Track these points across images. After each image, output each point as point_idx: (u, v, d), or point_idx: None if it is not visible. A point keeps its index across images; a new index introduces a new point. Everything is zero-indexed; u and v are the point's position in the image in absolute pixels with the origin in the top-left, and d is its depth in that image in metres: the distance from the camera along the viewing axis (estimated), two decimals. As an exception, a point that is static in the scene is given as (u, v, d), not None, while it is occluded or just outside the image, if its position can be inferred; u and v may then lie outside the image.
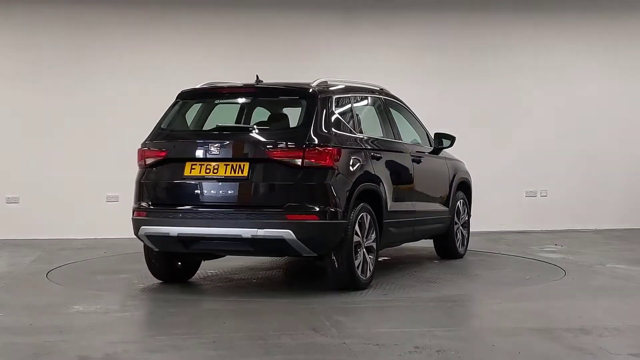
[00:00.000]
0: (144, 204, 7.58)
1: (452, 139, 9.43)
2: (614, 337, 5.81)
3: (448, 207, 9.47)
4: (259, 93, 8.13)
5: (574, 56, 13.17)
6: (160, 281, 8.01)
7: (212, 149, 7.35)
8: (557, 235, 12.05)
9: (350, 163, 7.47)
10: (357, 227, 7.36)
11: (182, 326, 6.30)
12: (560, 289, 7.78)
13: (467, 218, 9.96)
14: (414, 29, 12.92)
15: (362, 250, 7.47)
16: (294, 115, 7.70)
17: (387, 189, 7.92)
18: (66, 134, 12.04)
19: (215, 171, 7.29)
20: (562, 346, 5.55)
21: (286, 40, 12.60)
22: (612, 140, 13.17)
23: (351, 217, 7.28)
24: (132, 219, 7.61)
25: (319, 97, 7.54)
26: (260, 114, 8.24)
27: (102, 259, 9.91)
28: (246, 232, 7.11)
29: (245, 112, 8.27)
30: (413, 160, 8.72)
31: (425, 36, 12.94)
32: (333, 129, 7.49)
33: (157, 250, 7.71)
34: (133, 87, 12.18)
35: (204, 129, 7.91)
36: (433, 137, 9.42)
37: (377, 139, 8.25)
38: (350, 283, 7.43)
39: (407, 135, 9.04)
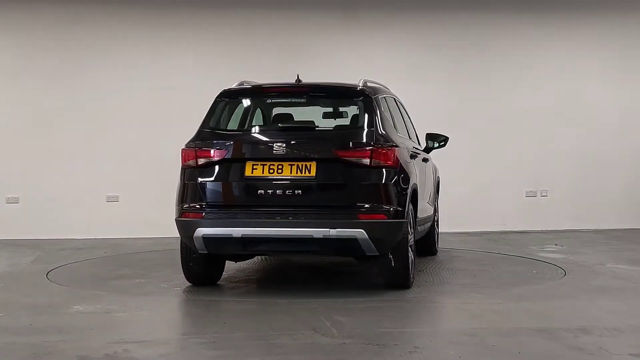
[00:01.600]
0: (197, 205, 7.32)
1: (445, 139, 9.47)
2: (614, 337, 5.81)
3: (433, 206, 9.60)
4: (310, 92, 8.05)
5: (574, 56, 13.17)
6: (191, 284, 7.84)
7: (275, 148, 7.24)
8: (557, 235, 12.04)
9: (407, 163, 7.62)
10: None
11: (182, 326, 6.31)
12: (560, 289, 7.78)
13: (437, 216, 10.12)
14: (414, 29, 12.91)
15: (410, 249, 7.57)
16: (348, 115, 7.77)
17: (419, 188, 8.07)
18: (66, 134, 12.04)
19: (279, 171, 7.20)
20: (562, 346, 5.55)
21: (286, 39, 12.58)
22: (612, 140, 13.16)
23: (409, 217, 7.40)
24: (182, 220, 7.36)
25: (374, 97, 7.61)
26: (312, 113, 8.19)
27: (102, 259, 9.91)
28: (318, 232, 7.07)
29: (296, 112, 8.25)
30: (423, 160, 8.86)
31: (424, 36, 12.93)
32: (388, 129, 7.58)
33: (204, 252, 7.41)
34: (133, 87, 12.18)
35: (261, 128, 7.88)
36: (425, 137, 9.48)
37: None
38: (404, 281, 7.51)
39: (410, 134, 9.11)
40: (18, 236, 11.69)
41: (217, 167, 7.32)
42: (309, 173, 7.15)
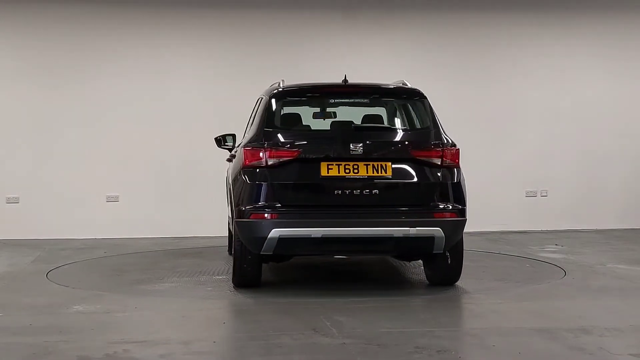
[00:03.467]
0: (270, 205, 7.21)
1: None
2: (615, 337, 5.81)
3: None
4: (368, 93, 8.12)
5: (574, 56, 13.15)
6: (239, 287, 7.69)
7: (352, 148, 7.25)
8: (557, 235, 12.03)
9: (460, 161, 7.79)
10: None
11: (182, 326, 6.30)
12: (560, 289, 7.78)
13: None
14: (414, 29, 12.89)
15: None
16: (410, 116, 7.87)
17: None
18: (66, 134, 12.03)
19: (355, 171, 7.24)
20: (562, 346, 5.55)
21: (286, 39, 12.56)
22: (612, 140, 13.15)
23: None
24: (251, 221, 7.23)
25: (427, 98, 7.80)
26: (368, 113, 8.22)
27: (102, 259, 9.91)
28: (398, 232, 7.19)
29: (352, 112, 8.26)
30: None
31: (424, 36, 12.92)
32: (444, 129, 7.78)
33: (268, 253, 7.35)
34: (133, 87, 12.17)
35: (333, 128, 7.88)
36: None
37: None
38: (456, 277, 7.76)
39: None
40: (18, 236, 11.69)
41: (290, 167, 7.28)
42: (385, 173, 7.26)
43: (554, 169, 13.04)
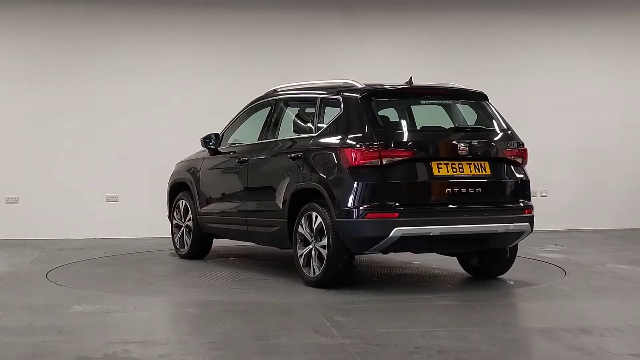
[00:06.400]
0: (389, 204, 7.27)
1: None
2: (615, 337, 5.81)
3: None
4: (444, 95, 8.28)
5: (573, 56, 13.16)
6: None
7: (460, 148, 7.54)
8: (557, 235, 12.04)
9: None
10: None
11: (182, 326, 6.30)
12: (560, 289, 7.78)
13: None
14: (414, 28, 12.90)
15: None
16: (486, 117, 8.08)
17: None
18: (66, 134, 12.03)
19: (461, 170, 7.52)
20: (562, 346, 5.55)
21: (286, 39, 12.58)
22: (612, 140, 13.15)
23: None
24: (369, 220, 7.26)
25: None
26: (443, 113, 8.29)
27: (102, 259, 9.91)
28: (500, 228, 7.61)
29: (433, 112, 8.32)
30: None
31: (424, 36, 12.93)
32: None
33: (371, 252, 7.59)
34: (133, 88, 12.17)
35: (438, 128, 7.96)
36: None
37: None
38: (508, 268, 8.20)
39: None
40: (18, 236, 11.69)
41: (404, 167, 7.39)
42: (485, 172, 7.63)
43: (554, 169, 13.03)
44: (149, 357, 5.33)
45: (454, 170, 7.49)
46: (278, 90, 9.04)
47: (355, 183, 7.31)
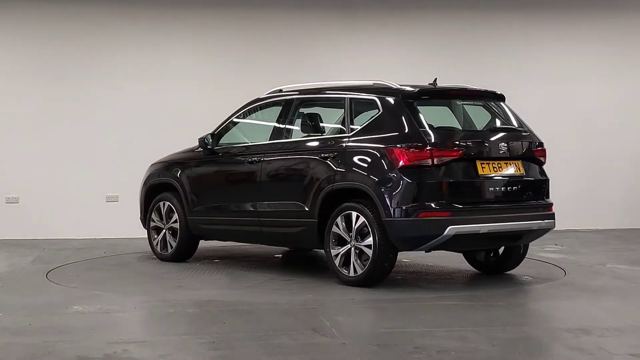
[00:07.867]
0: (441, 203, 7.40)
1: None
2: (615, 337, 5.81)
3: None
4: (476, 96, 8.44)
5: (573, 56, 13.16)
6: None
7: (501, 148, 7.79)
8: (557, 235, 12.02)
9: None
10: None
11: (182, 326, 6.30)
12: (560, 289, 7.78)
13: None
14: (414, 28, 12.91)
15: None
16: (509, 117, 8.29)
17: None
18: (66, 134, 12.03)
19: (501, 169, 7.79)
20: (562, 346, 5.55)
21: (285, 39, 12.58)
22: (612, 140, 13.15)
23: None
24: (423, 219, 7.35)
25: None
26: (471, 114, 8.39)
27: (102, 259, 9.90)
28: (535, 225, 7.92)
29: (462, 113, 8.35)
30: None
31: (424, 36, 12.93)
32: None
33: (425, 250, 7.77)
34: (133, 87, 12.17)
35: (474, 128, 8.11)
36: None
37: None
38: (518, 263, 8.44)
39: None
40: (18, 236, 11.69)
41: (453, 166, 7.55)
42: (520, 171, 7.94)
43: (554, 169, 12.98)
44: (149, 357, 5.33)
45: (495, 169, 7.74)
46: (284, 90, 8.95)
47: (407, 182, 7.37)
